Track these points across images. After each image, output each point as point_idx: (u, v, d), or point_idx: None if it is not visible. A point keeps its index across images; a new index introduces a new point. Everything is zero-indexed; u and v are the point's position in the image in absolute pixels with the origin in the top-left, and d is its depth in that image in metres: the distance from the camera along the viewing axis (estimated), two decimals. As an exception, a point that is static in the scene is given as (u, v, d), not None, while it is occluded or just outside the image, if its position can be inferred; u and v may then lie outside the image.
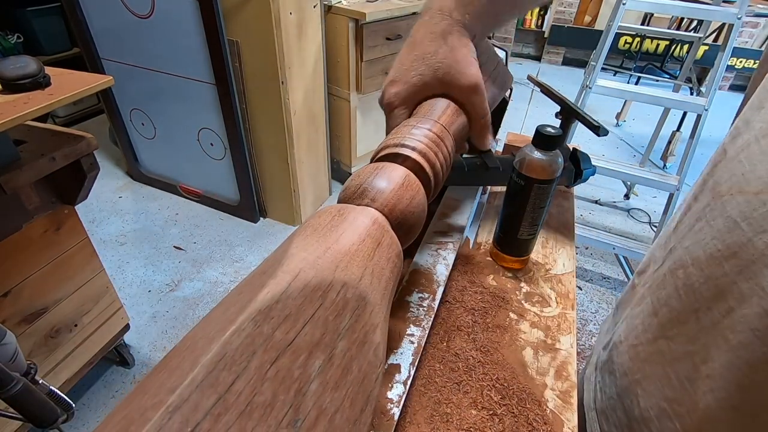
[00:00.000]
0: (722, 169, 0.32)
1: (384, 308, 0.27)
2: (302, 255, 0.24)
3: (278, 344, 0.20)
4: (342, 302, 0.23)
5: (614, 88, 1.76)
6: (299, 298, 0.22)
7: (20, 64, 0.82)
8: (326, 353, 0.21)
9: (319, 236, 0.26)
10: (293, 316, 0.21)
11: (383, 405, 0.32)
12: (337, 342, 0.22)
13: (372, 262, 0.27)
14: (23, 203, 0.93)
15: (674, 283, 0.34)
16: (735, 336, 0.28)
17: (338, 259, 0.25)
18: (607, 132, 0.50)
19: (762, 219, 0.26)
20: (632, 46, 4.06)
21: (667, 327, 0.35)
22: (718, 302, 0.29)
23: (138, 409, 0.17)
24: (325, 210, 0.29)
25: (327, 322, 0.22)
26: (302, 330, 0.21)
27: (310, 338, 0.21)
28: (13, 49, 2.38)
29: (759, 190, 0.27)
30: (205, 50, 1.64)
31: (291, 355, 0.20)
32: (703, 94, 1.71)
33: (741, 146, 0.30)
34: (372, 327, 0.25)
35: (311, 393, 0.20)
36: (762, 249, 0.26)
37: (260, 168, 1.99)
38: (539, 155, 0.42)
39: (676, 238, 0.36)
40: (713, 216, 0.31)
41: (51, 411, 0.61)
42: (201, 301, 1.69)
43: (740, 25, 1.55)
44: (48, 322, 1.08)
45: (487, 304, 0.45)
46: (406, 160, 0.34)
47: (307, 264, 0.24)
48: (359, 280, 0.25)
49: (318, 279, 0.23)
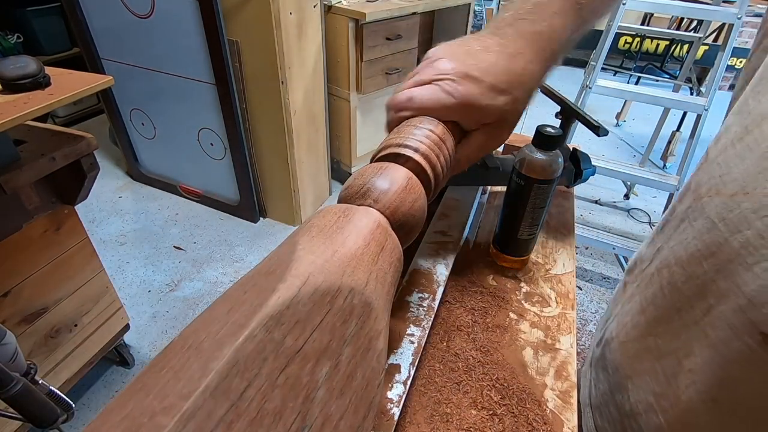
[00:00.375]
0: (703, 171, 0.33)
1: (387, 314, 0.27)
2: (310, 258, 0.24)
3: (288, 351, 0.20)
4: (349, 308, 0.23)
5: (614, 88, 1.76)
6: (309, 303, 0.22)
7: (20, 64, 0.83)
8: (333, 360, 0.21)
9: (325, 238, 0.26)
10: (302, 323, 0.21)
11: (383, 405, 0.32)
12: (344, 348, 0.22)
13: (376, 267, 0.27)
14: (23, 203, 0.93)
15: (660, 282, 0.35)
16: (714, 332, 0.29)
17: (345, 263, 0.25)
18: (607, 132, 0.50)
19: (737, 220, 0.27)
20: (632, 46, 4.06)
21: (654, 324, 0.35)
22: (699, 300, 0.30)
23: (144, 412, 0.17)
24: (329, 210, 0.29)
25: (334, 328, 0.22)
26: (311, 336, 0.21)
27: (318, 345, 0.21)
28: (13, 49, 2.38)
29: (734, 192, 0.28)
30: (205, 50, 1.64)
31: (300, 362, 0.20)
32: (703, 94, 1.71)
33: (720, 149, 0.31)
34: (376, 333, 0.25)
35: (318, 400, 0.20)
36: (737, 249, 0.27)
37: (260, 168, 1.99)
38: (539, 155, 0.42)
39: (663, 238, 0.37)
40: (694, 217, 0.32)
41: (51, 411, 0.61)
42: (201, 301, 1.69)
43: (740, 25, 1.55)
44: (48, 322, 1.08)
45: (487, 304, 0.45)
46: (408, 161, 0.34)
47: (315, 268, 0.24)
48: (365, 286, 0.25)
49: (327, 284, 0.23)
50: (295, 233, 0.27)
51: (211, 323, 0.21)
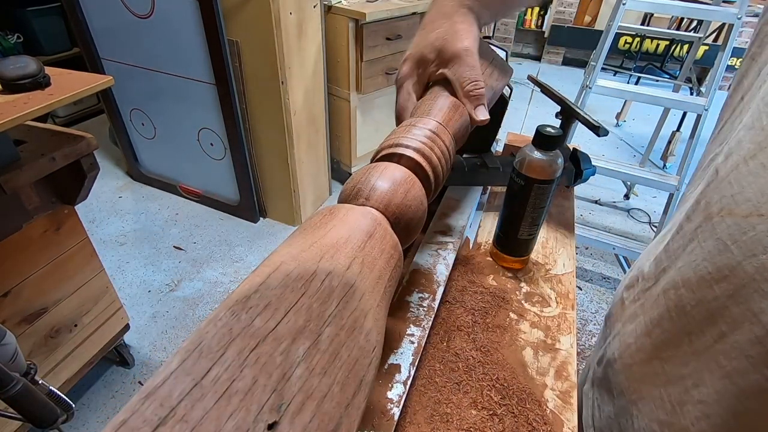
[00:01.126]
0: (713, 189, 0.31)
1: (377, 295, 0.27)
2: (286, 250, 0.25)
3: (258, 332, 0.20)
4: (327, 290, 0.24)
5: (614, 88, 1.76)
6: (279, 288, 0.23)
7: (20, 64, 0.82)
8: (311, 339, 0.22)
9: (307, 234, 0.27)
10: (274, 305, 0.22)
11: (383, 405, 0.32)
12: (323, 328, 0.22)
13: (363, 252, 0.27)
14: (23, 203, 0.93)
15: (666, 304, 0.34)
16: (729, 362, 0.27)
17: (324, 251, 0.26)
18: (607, 132, 0.51)
19: (751, 243, 0.26)
20: (632, 46, 4.07)
21: (661, 348, 0.34)
22: (710, 326, 0.29)
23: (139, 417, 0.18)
24: (319, 211, 0.30)
25: (311, 309, 0.23)
26: (284, 318, 0.22)
27: (293, 325, 0.21)
28: (13, 49, 2.38)
29: (748, 212, 0.27)
30: (205, 50, 1.64)
31: (273, 342, 0.20)
32: (703, 94, 1.71)
33: (731, 166, 0.30)
34: (362, 313, 0.25)
35: (296, 378, 0.20)
36: (752, 273, 0.26)
37: (260, 168, 1.99)
38: (539, 155, 0.42)
39: (668, 258, 0.36)
40: (704, 237, 0.30)
41: (51, 411, 0.61)
42: (201, 301, 1.69)
43: (740, 25, 1.55)
44: (48, 322, 1.08)
45: (487, 304, 0.45)
46: (402, 158, 0.34)
47: (289, 257, 0.25)
48: (346, 269, 0.25)
49: (300, 269, 0.24)
50: None
51: None
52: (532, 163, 0.42)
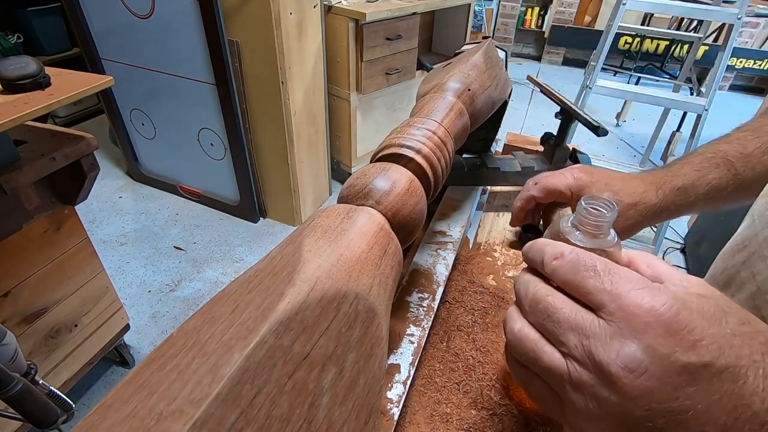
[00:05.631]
0: None
1: (387, 318, 0.27)
2: (318, 261, 0.24)
3: (296, 357, 0.20)
4: (354, 314, 0.23)
5: (614, 88, 1.76)
6: (317, 309, 0.22)
7: (20, 64, 0.82)
8: (338, 366, 0.21)
9: (330, 240, 0.26)
10: (310, 329, 0.21)
11: (383, 405, 0.32)
12: (348, 354, 0.22)
13: (379, 272, 0.27)
14: (23, 203, 0.93)
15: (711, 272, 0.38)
16: None
17: (350, 267, 0.25)
18: (607, 132, 0.51)
19: None
20: (632, 46, 4.06)
21: None
22: (726, 289, 0.33)
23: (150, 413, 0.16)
24: (333, 210, 0.29)
25: (340, 334, 0.22)
26: (317, 342, 0.21)
27: (324, 351, 0.21)
28: (13, 49, 2.38)
29: None
30: (205, 50, 1.64)
31: (307, 368, 0.20)
32: (703, 95, 1.71)
33: None
34: (378, 339, 0.25)
35: (323, 406, 0.20)
36: (761, 241, 0.30)
37: (260, 168, 1.99)
38: (582, 241, 0.26)
39: None
40: (746, 216, 0.35)
41: (51, 411, 0.61)
42: (201, 301, 1.69)
43: (740, 25, 1.55)
44: (48, 322, 1.08)
45: (486, 304, 0.45)
46: (410, 163, 0.34)
47: (323, 273, 0.24)
48: (369, 291, 0.25)
49: (334, 290, 0.23)
50: (299, 232, 0.27)
51: (215, 322, 0.20)
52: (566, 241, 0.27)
